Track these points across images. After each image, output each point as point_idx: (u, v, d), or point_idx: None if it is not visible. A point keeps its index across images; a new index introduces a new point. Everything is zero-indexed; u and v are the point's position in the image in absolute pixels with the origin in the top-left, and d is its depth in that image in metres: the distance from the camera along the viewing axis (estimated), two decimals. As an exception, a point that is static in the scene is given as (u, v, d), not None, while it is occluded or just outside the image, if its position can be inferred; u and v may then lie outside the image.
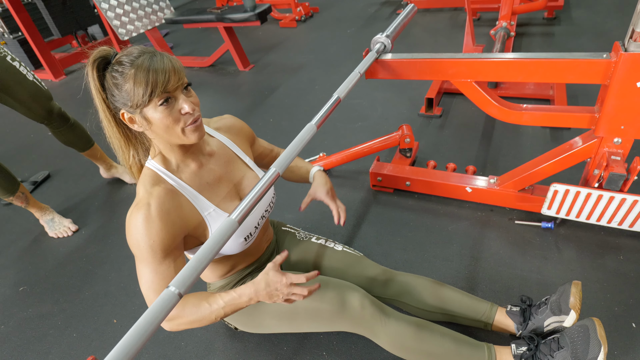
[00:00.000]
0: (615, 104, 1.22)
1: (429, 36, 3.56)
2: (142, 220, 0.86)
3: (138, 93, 0.81)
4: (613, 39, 1.21)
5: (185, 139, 0.89)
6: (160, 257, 0.88)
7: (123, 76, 0.81)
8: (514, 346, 1.06)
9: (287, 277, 0.86)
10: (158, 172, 0.94)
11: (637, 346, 1.16)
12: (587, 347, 0.95)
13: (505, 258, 1.47)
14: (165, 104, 0.83)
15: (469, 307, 1.18)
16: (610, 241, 1.47)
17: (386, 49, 1.46)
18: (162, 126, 0.85)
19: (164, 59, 0.83)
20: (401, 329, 1.05)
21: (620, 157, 1.30)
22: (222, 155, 1.06)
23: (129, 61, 0.82)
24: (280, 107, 2.82)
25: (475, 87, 1.42)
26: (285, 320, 1.11)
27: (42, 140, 2.90)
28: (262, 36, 4.30)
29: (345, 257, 1.25)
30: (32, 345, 1.44)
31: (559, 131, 2.09)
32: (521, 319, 1.13)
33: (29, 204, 1.92)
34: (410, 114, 2.46)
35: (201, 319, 0.90)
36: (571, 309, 1.04)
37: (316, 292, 1.07)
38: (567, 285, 1.10)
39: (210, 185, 1.00)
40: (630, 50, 1.13)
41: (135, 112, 0.84)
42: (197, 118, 0.88)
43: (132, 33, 3.26)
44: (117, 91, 0.83)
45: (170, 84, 0.82)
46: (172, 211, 0.90)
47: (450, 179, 1.73)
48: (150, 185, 0.91)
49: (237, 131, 1.14)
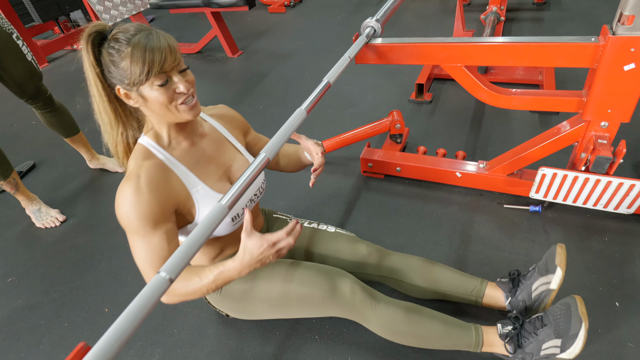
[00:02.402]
0: (602, 87, 1.23)
1: (420, 21, 3.54)
2: (132, 192, 0.88)
3: (135, 72, 0.82)
4: (602, 24, 1.22)
5: (179, 117, 0.91)
6: (150, 228, 0.88)
7: (119, 54, 0.82)
8: (499, 325, 1.08)
9: (266, 240, 0.83)
10: (150, 147, 0.95)
11: (620, 324, 1.19)
12: (568, 324, 0.98)
13: (494, 241, 1.49)
14: (162, 85, 0.85)
15: (460, 283, 1.20)
16: (595, 223, 1.50)
17: (376, 33, 1.45)
18: (157, 104, 0.87)
19: (160, 37, 0.84)
20: (391, 313, 1.07)
21: (607, 141, 1.32)
22: (214, 137, 1.07)
23: (126, 39, 0.82)
24: (270, 94, 2.79)
25: (465, 72, 1.42)
26: (276, 307, 1.12)
27: (25, 130, 2.84)
28: (250, 22, 4.23)
29: (338, 237, 1.26)
30: (23, 335, 1.43)
31: (547, 116, 2.11)
32: (510, 286, 1.17)
33: (18, 191, 1.89)
34: (401, 100, 2.46)
35: (193, 292, 0.90)
36: (557, 266, 1.08)
37: (306, 279, 1.08)
38: (552, 247, 1.14)
39: (201, 164, 1.01)
40: (618, 33, 1.14)
41: (131, 90, 0.86)
42: (192, 95, 0.90)
43: (116, 18, 3.18)
44: (113, 68, 0.84)
45: (167, 64, 0.83)
46: (162, 184, 0.92)
47: (440, 165, 1.74)
48: (141, 159, 0.93)
49: (229, 119, 1.15)
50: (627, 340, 1.15)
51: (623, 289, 1.28)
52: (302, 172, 1.99)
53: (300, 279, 1.09)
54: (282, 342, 1.27)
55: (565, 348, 0.97)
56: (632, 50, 1.13)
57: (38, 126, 2.84)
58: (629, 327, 1.18)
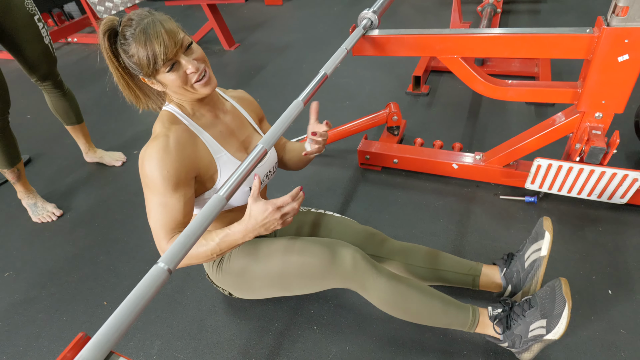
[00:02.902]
0: (597, 78, 1.23)
1: (416, 13, 3.53)
2: (159, 150, 0.91)
3: (144, 65, 0.87)
4: (598, 16, 1.22)
5: (197, 94, 0.95)
6: (171, 188, 0.92)
7: (129, 48, 0.87)
8: (490, 308, 1.11)
9: (271, 204, 0.85)
10: (176, 114, 0.99)
11: (613, 311, 1.21)
12: (553, 304, 1.01)
13: (490, 232, 1.50)
14: (171, 70, 0.89)
15: (459, 263, 1.25)
16: (589, 213, 1.51)
17: (373, 25, 1.45)
18: (175, 87, 0.92)
19: (156, 26, 0.86)
20: (392, 286, 1.07)
21: (601, 132, 1.33)
22: (235, 114, 1.12)
23: (130, 35, 0.86)
24: (267, 87, 2.79)
25: (462, 63, 1.42)
26: (276, 280, 1.12)
27: (21, 124, 2.82)
28: (247, 14, 4.20)
29: (343, 220, 1.30)
30: (22, 329, 1.44)
31: (543, 108, 2.12)
32: (505, 260, 1.23)
33: (19, 180, 1.89)
34: (398, 92, 2.46)
35: (197, 255, 0.93)
36: (545, 230, 1.14)
37: (307, 249, 1.08)
38: (539, 219, 1.20)
39: (223, 134, 1.06)
40: (613, 24, 1.14)
41: (150, 78, 0.92)
42: (203, 73, 0.93)
43: (110, 10, 3.15)
44: (129, 62, 0.89)
45: (169, 52, 0.87)
46: (188, 147, 0.96)
47: (437, 156, 1.75)
48: (168, 122, 0.97)
49: (248, 103, 1.21)
50: (619, 327, 1.17)
51: (616, 277, 1.30)
52: (299, 164, 1.99)
53: (300, 248, 1.09)
54: (281, 332, 1.29)
55: (550, 328, 0.99)
56: (626, 42, 1.14)
57: (33, 120, 2.82)
58: (621, 314, 1.20)
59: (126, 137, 2.46)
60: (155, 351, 1.30)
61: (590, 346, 1.14)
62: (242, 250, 1.15)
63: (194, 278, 1.51)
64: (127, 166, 2.22)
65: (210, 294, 1.44)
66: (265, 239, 1.17)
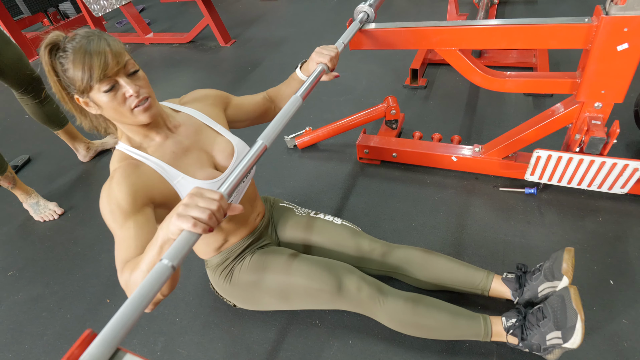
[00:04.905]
0: (596, 68, 1.23)
1: (412, 5, 3.51)
2: (105, 188, 0.89)
3: (78, 78, 0.81)
4: (595, 4, 1.22)
5: (135, 120, 0.89)
6: (120, 220, 0.85)
7: (67, 61, 0.81)
8: (503, 319, 1.08)
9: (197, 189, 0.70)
10: (125, 151, 0.95)
11: (614, 301, 1.22)
12: (565, 316, 0.99)
13: (491, 224, 1.51)
14: (109, 91, 0.83)
15: (466, 277, 1.20)
16: (590, 204, 1.52)
17: (369, 18, 1.44)
18: (110, 109, 0.86)
19: (100, 41, 0.82)
20: (399, 306, 1.09)
21: (601, 122, 1.33)
22: (190, 125, 1.05)
23: (71, 47, 0.81)
24: (263, 82, 2.78)
25: (460, 55, 1.42)
26: (283, 300, 1.15)
27: (19, 124, 2.81)
28: (242, 10, 4.18)
29: (344, 230, 1.28)
30: (26, 327, 1.44)
31: (541, 99, 2.12)
32: (516, 286, 1.16)
33: (15, 185, 1.89)
34: (395, 85, 2.45)
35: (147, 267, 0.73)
36: (563, 275, 1.07)
37: (313, 275, 1.11)
38: (559, 252, 1.12)
39: (177, 154, 0.99)
40: (611, 13, 1.14)
41: (83, 97, 0.85)
42: (143, 99, 0.88)
43: (106, 9, 3.13)
44: (65, 77, 0.83)
45: (108, 68, 0.81)
46: (133, 177, 0.89)
47: (436, 149, 1.75)
48: (117, 162, 0.94)
49: (202, 99, 1.13)
50: (621, 317, 1.18)
51: (617, 267, 1.30)
52: (298, 161, 2.00)
53: (307, 274, 1.11)
54: (284, 327, 1.29)
55: (566, 339, 0.98)
56: (625, 30, 1.13)
57: (31, 120, 2.81)
58: (623, 304, 1.21)
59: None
60: (159, 347, 1.30)
61: (593, 336, 1.14)
62: (250, 266, 1.16)
63: (196, 274, 1.51)
64: (126, 164, 2.22)
65: (213, 289, 1.44)
66: (273, 255, 1.17)
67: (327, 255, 1.27)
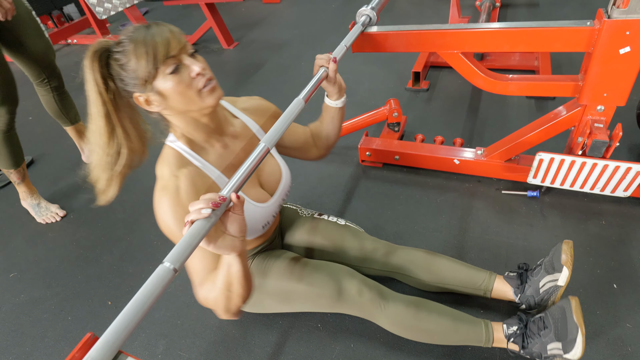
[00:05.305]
0: (598, 71, 1.23)
1: (414, 8, 3.51)
2: (171, 203, 0.85)
3: (142, 65, 0.78)
4: (597, 7, 1.22)
5: (202, 104, 0.85)
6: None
7: (125, 54, 0.79)
8: (505, 326, 1.08)
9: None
10: (183, 152, 0.91)
11: (618, 305, 1.21)
12: (565, 328, 0.99)
13: (493, 227, 1.50)
14: (175, 72, 0.80)
15: (468, 277, 1.20)
16: (593, 207, 1.51)
17: (372, 21, 1.44)
18: (176, 95, 0.81)
19: (159, 26, 0.80)
20: (400, 311, 1.08)
21: (603, 125, 1.32)
22: (245, 137, 1.03)
23: (127, 38, 0.79)
24: (266, 85, 2.78)
25: (462, 58, 1.42)
26: (285, 303, 1.15)
27: (23, 126, 2.82)
28: (245, 12, 4.19)
29: (348, 231, 1.28)
30: (27, 329, 1.44)
31: (543, 101, 2.11)
32: (518, 282, 1.17)
33: (23, 181, 1.90)
34: (398, 88, 2.46)
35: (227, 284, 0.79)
36: (563, 266, 1.07)
37: (315, 280, 1.11)
38: (558, 244, 1.13)
39: (235, 167, 0.97)
40: (614, 17, 1.13)
41: (147, 90, 0.81)
42: (210, 78, 0.84)
43: (110, 11, 3.15)
44: (124, 73, 0.80)
45: (171, 47, 0.78)
46: (202, 188, 0.89)
47: (438, 152, 1.75)
48: (176, 167, 0.88)
49: (262, 111, 1.11)
50: (625, 321, 1.17)
51: (620, 271, 1.30)
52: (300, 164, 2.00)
53: (308, 280, 1.11)
54: (286, 330, 1.29)
55: (567, 350, 0.98)
56: (627, 34, 1.13)
57: (35, 121, 2.82)
58: (626, 308, 1.20)
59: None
60: (160, 350, 1.30)
61: (596, 341, 1.14)
62: (253, 270, 1.16)
63: (197, 277, 1.51)
64: (128, 166, 2.22)
65: (214, 292, 1.44)
66: (274, 259, 1.17)
67: (331, 255, 1.27)
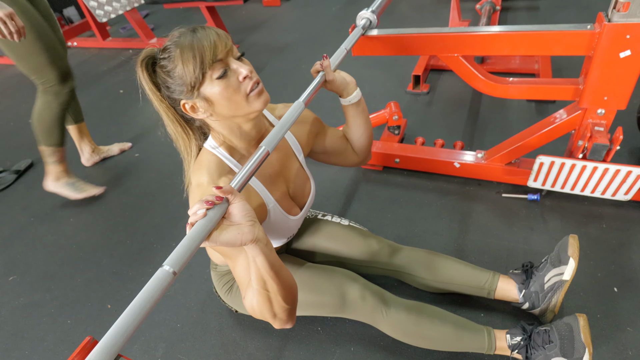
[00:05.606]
0: (598, 75, 1.23)
1: (415, 12, 3.52)
2: None
3: (189, 70, 0.76)
4: (597, 11, 1.23)
5: (250, 108, 0.83)
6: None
7: (171, 61, 0.78)
8: (508, 337, 1.07)
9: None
10: (225, 160, 0.89)
11: (619, 309, 1.21)
12: (572, 347, 0.98)
13: (493, 230, 1.50)
14: (222, 77, 0.78)
15: (472, 278, 1.20)
16: (593, 210, 1.51)
17: (372, 24, 1.45)
18: (224, 100, 0.79)
19: (205, 30, 0.78)
20: (402, 317, 1.08)
21: (604, 128, 1.32)
22: (281, 148, 1.02)
23: (173, 43, 0.78)
24: (267, 88, 2.76)
25: (462, 62, 1.42)
26: None
27: (23, 128, 2.82)
28: (245, 16, 4.21)
29: (352, 231, 1.27)
30: (26, 333, 1.44)
31: (544, 105, 2.12)
32: (523, 277, 1.16)
33: (64, 160, 1.95)
34: (398, 91, 2.46)
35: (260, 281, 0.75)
36: (570, 257, 1.07)
37: (317, 286, 1.11)
38: (564, 238, 1.13)
39: (272, 178, 0.96)
40: (614, 20, 1.14)
41: (193, 97, 0.80)
42: (257, 81, 0.83)
43: (110, 14, 3.16)
44: (170, 80, 0.79)
45: (218, 50, 0.77)
46: (245, 195, 0.87)
47: (438, 155, 1.75)
48: (217, 175, 0.86)
49: (301, 121, 1.09)
50: (625, 325, 1.17)
51: (621, 274, 1.29)
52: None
53: (309, 287, 1.11)
54: (286, 334, 1.28)
55: None
56: (627, 37, 1.13)
57: (34, 125, 2.82)
58: (627, 312, 1.20)
59: (126, 139, 2.46)
60: (159, 354, 1.30)
61: (597, 345, 1.13)
62: None
63: (197, 280, 1.50)
64: (128, 168, 2.22)
65: (214, 296, 1.44)
66: None
67: (336, 256, 1.27)
